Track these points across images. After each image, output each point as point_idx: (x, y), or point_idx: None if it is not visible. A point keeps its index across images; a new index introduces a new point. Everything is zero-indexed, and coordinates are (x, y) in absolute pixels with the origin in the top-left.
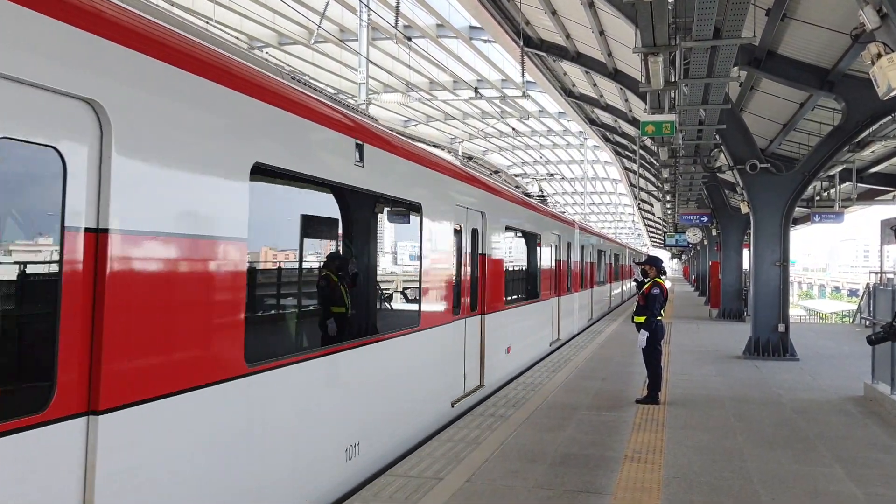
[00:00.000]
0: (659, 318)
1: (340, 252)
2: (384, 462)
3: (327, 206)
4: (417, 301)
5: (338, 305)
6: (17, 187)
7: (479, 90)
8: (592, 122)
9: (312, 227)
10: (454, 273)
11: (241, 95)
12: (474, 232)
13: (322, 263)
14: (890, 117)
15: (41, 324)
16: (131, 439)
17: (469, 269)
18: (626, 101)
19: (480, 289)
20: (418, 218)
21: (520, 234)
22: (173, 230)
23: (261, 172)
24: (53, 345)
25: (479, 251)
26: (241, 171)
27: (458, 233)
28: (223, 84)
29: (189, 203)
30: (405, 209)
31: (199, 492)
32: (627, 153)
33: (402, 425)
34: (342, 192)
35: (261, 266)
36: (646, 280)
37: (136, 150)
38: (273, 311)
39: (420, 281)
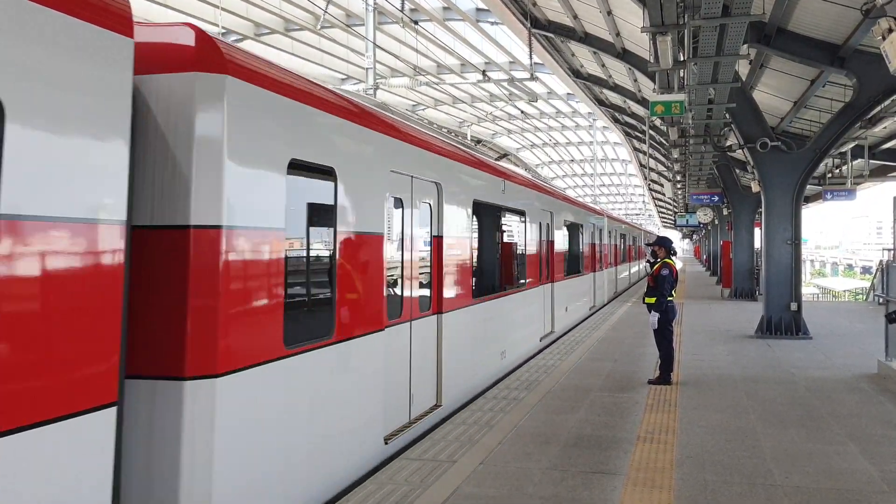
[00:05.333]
0: (670, 298)
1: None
2: None
3: None
4: None
5: None
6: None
7: (487, 73)
8: (601, 102)
9: None
10: None
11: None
12: None
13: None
14: None
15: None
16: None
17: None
18: (636, 81)
19: None
20: None
21: None
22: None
23: None
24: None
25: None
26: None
27: None
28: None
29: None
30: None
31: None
32: (637, 133)
33: None
34: None
35: None
36: (656, 261)
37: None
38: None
39: None
